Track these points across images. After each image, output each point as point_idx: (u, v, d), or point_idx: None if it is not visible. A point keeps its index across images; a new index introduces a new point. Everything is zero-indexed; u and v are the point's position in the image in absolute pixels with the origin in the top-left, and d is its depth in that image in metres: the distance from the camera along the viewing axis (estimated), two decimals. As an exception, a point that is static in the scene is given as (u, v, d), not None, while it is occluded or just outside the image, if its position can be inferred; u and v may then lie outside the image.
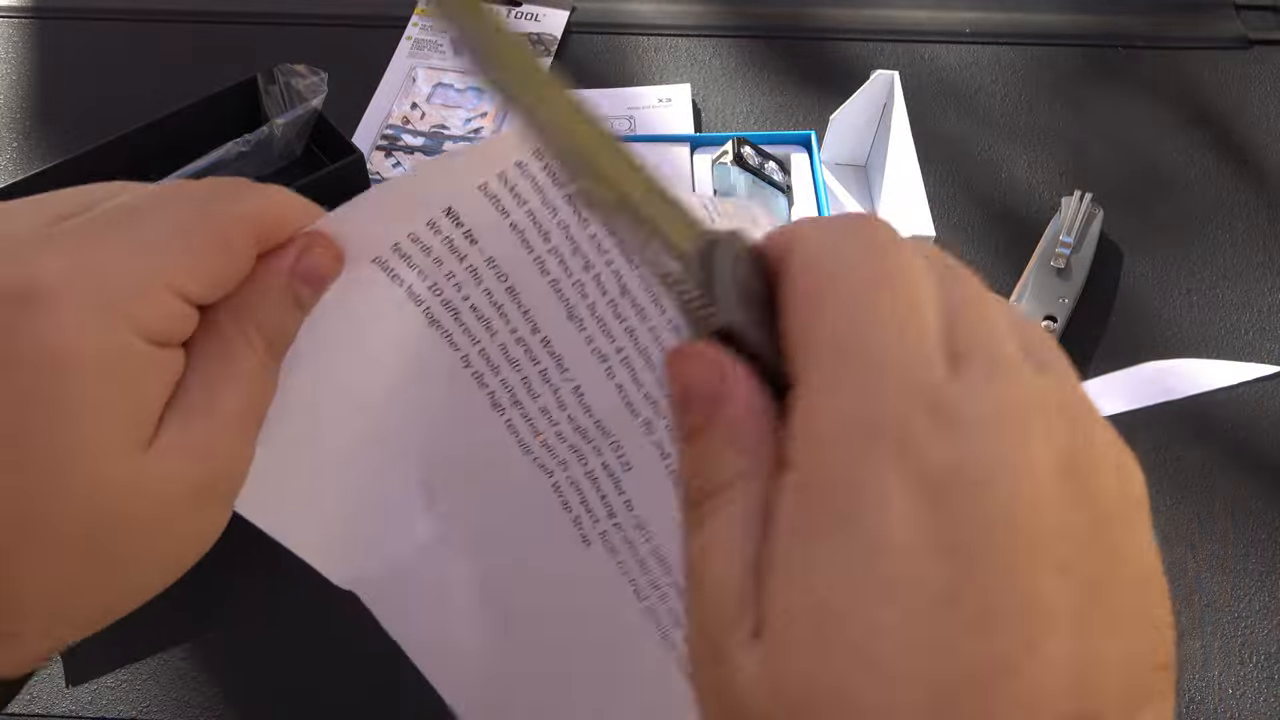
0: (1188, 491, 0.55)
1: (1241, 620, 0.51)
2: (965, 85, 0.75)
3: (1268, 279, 0.64)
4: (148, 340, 0.23)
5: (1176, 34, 0.77)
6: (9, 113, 0.74)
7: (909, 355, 0.19)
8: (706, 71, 0.76)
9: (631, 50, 0.77)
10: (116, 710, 0.48)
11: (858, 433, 0.18)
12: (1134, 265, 0.65)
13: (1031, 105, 0.73)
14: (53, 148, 0.71)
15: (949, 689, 0.17)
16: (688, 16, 0.79)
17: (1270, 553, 0.53)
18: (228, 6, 0.79)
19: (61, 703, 0.49)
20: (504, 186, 0.26)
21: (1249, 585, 0.52)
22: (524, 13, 0.79)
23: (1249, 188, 0.69)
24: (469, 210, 0.26)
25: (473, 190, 0.26)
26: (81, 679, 0.49)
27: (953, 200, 0.68)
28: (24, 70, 0.77)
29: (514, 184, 0.26)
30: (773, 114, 0.73)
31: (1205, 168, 0.70)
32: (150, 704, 0.48)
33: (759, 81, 0.75)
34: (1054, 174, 0.69)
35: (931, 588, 0.18)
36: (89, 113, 0.73)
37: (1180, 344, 0.61)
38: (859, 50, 0.77)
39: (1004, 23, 0.78)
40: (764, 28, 0.79)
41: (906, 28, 0.78)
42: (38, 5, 0.80)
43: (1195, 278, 0.64)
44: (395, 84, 0.75)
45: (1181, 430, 0.57)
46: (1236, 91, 0.74)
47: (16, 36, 0.79)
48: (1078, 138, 0.71)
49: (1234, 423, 0.58)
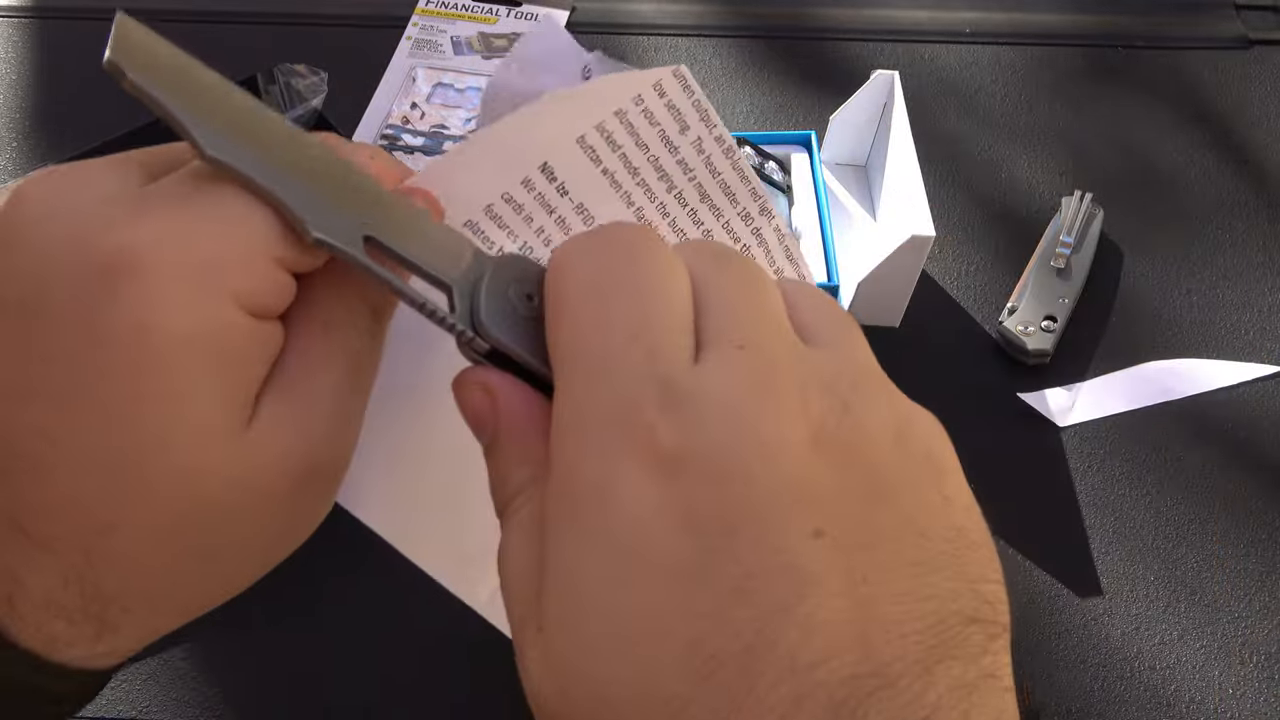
0: (1188, 491, 0.55)
1: (1241, 620, 0.51)
2: (965, 85, 0.75)
3: (1268, 279, 0.64)
4: (247, 314, 0.21)
5: (1176, 34, 0.77)
6: (9, 113, 0.74)
7: (640, 350, 0.19)
8: (706, 71, 0.76)
9: (631, 50, 0.77)
10: (116, 710, 0.48)
11: (591, 426, 0.19)
12: (1134, 265, 0.65)
13: (1031, 105, 0.73)
14: (53, 148, 0.71)
15: (709, 662, 0.17)
16: (688, 16, 0.79)
17: (1270, 553, 0.53)
18: (228, 6, 0.79)
19: (61, 703, 0.49)
20: (601, 138, 0.25)
21: (1249, 585, 0.52)
22: (523, 13, 0.79)
23: (1249, 188, 0.69)
24: (565, 164, 0.25)
25: (571, 145, 0.25)
26: (81, 679, 0.49)
27: (953, 200, 0.68)
28: (24, 70, 0.77)
29: (611, 133, 0.25)
30: (773, 114, 0.73)
31: (1205, 168, 0.70)
32: (150, 704, 0.48)
33: (759, 81, 0.75)
34: (1054, 174, 0.69)
35: (678, 563, 0.18)
36: (89, 113, 0.73)
37: (1180, 344, 0.61)
38: (859, 50, 0.77)
39: (1004, 23, 0.78)
40: (764, 28, 0.79)
41: (906, 28, 0.78)
42: (38, 5, 0.80)
43: (1195, 278, 0.64)
44: (395, 84, 0.75)
45: (1181, 430, 0.57)
46: (1236, 91, 0.74)
47: (16, 36, 0.79)
48: (1078, 138, 0.71)
49: (1234, 423, 0.58)
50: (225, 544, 0.23)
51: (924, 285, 0.62)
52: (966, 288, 0.64)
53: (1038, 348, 0.59)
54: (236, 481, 0.22)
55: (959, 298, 0.63)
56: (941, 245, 0.65)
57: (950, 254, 0.65)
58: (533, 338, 0.21)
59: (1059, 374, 0.60)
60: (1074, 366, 0.60)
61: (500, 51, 0.76)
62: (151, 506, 0.21)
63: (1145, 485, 0.55)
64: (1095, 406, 0.58)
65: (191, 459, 0.21)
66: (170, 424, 0.21)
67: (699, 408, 0.19)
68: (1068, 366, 0.60)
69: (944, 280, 0.64)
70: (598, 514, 0.19)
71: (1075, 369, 0.60)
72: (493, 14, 0.79)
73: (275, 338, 0.22)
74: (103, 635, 0.22)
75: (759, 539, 0.18)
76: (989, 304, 0.63)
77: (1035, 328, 0.60)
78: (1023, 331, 0.60)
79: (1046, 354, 0.59)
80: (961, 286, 0.64)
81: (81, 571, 0.21)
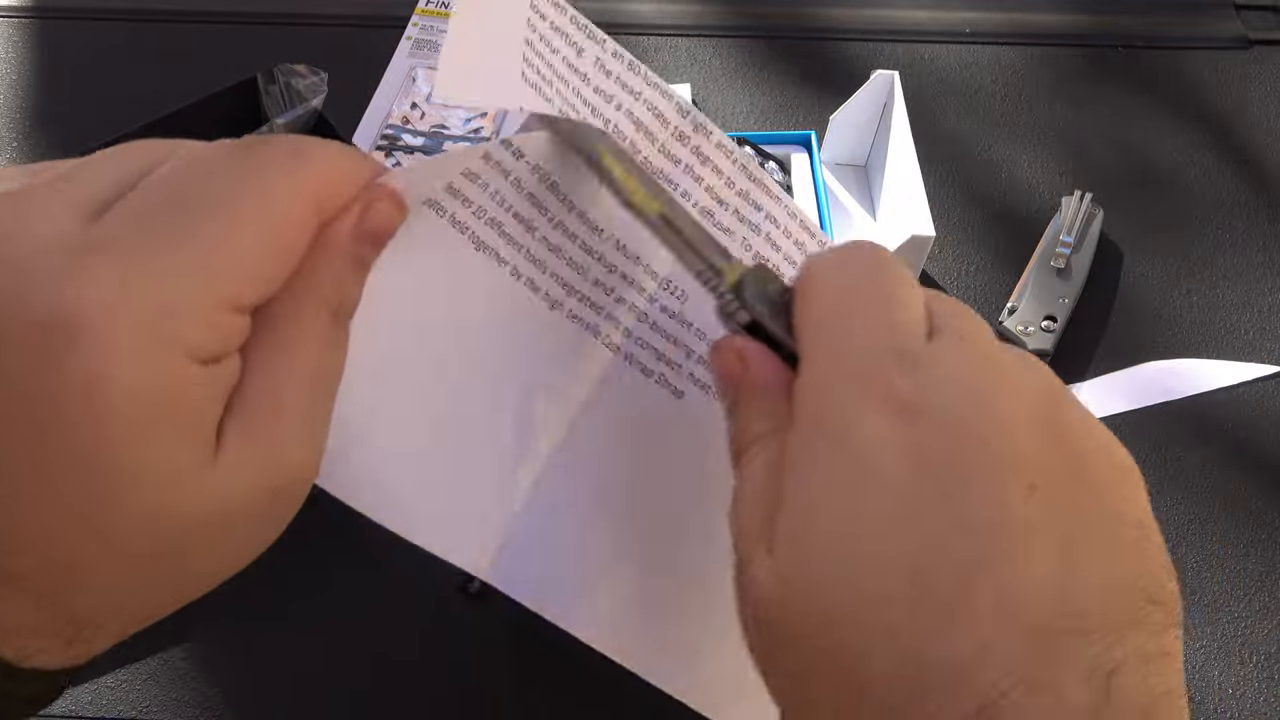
0: (1188, 491, 0.55)
1: (1241, 620, 0.51)
2: (965, 85, 0.75)
3: (1268, 279, 0.64)
4: (201, 362, 0.21)
5: (1176, 34, 0.77)
6: (9, 113, 0.74)
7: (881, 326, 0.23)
8: (706, 71, 0.76)
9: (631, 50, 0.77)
10: (116, 710, 0.48)
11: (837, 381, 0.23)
12: (1134, 265, 0.65)
13: (1031, 105, 0.73)
14: (53, 148, 0.71)
15: (926, 577, 0.20)
16: (688, 16, 0.79)
17: (1270, 553, 0.53)
18: (228, 6, 0.79)
19: (61, 703, 0.48)
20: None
21: (1249, 585, 0.52)
22: (524, 13, 0.79)
23: (1249, 188, 0.69)
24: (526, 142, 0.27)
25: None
26: (81, 679, 0.49)
27: (953, 200, 0.68)
28: (24, 70, 0.77)
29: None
30: (773, 114, 0.73)
31: (1205, 168, 0.70)
32: (150, 704, 0.48)
33: (759, 81, 0.75)
34: (1054, 174, 0.69)
35: (908, 492, 0.21)
36: (89, 113, 0.73)
37: (1180, 344, 0.61)
38: (859, 50, 0.77)
39: (1004, 23, 0.78)
40: (764, 28, 0.79)
41: (906, 28, 0.78)
42: (38, 5, 0.80)
43: (1195, 278, 0.64)
44: (395, 84, 0.75)
45: (1181, 430, 0.57)
46: (1236, 91, 0.74)
47: (16, 36, 0.79)
48: (1078, 138, 0.71)
49: (1234, 423, 0.58)
50: (199, 561, 0.23)
51: (924, 285, 0.62)
52: (966, 288, 0.64)
53: (1038, 348, 0.59)
54: (207, 513, 0.22)
55: (959, 298, 0.63)
56: (941, 245, 0.65)
57: (950, 254, 0.65)
58: (781, 320, 0.25)
59: (1059, 374, 0.59)
60: (1074, 366, 0.60)
61: (500, 51, 0.76)
62: (121, 545, 0.21)
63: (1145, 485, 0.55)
64: (1095, 406, 0.58)
65: (160, 498, 0.21)
66: (134, 471, 0.20)
67: (936, 373, 0.22)
68: (1068, 366, 0.60)
69: (944, 280, 0.64)
70: (839, 446, 0.22)
71: (1075, 369, 0.60)
72: (493, 14, 0.79)
73: (231, 372, 0.22)
74: (75, 645, 0.22)
75: (987, 493, 0.21)
76: (989, 304, 0.63)
77: (1035, 328, 0.60)
78: (1023, 331, 0.60)
79: (1046, 354, 0.59)
80: (961, 286, 0.64)
81: (53, 600, 0.21)
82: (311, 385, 0.23)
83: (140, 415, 0.20)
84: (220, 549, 0.23)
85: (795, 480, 0.22)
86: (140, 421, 0.20)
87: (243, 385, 0.22)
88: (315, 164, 0.23)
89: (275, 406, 0.22)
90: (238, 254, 0.21)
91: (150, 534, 0.21)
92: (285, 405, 0.22)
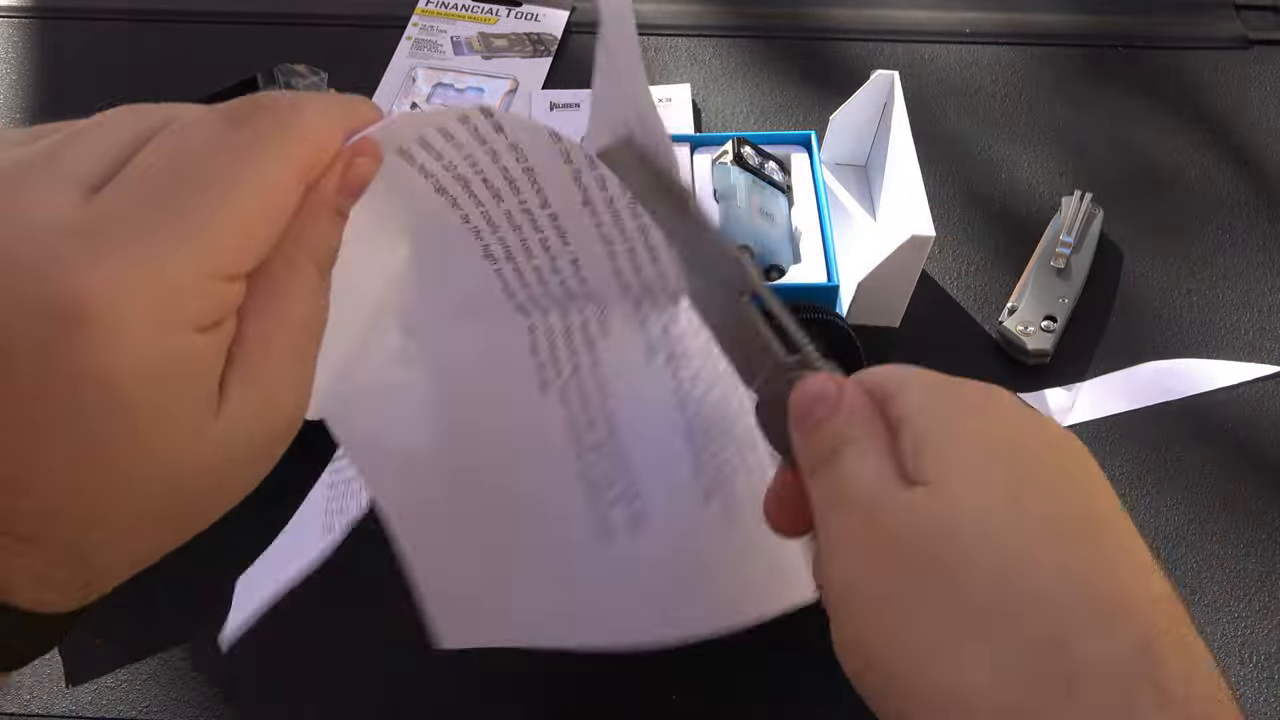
0: (1188, 491, 0.55)
1: (1241, 620, 0.51)
2: (965, 85, 0.75)
3: (1268, 279, 0.64)
4: (204, 330, 0.22)
5: (1176, 34, 0.77)
6: (9, 113, 0.74)
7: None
8: (706, 71, 0.76)
9: (631, 50, 0.77)
10: (116, 710, 0.48)
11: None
12: (1134, 265, 0.65)
13: (1031, 105, 0.73)
14: (53, 148, 0.71)
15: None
16: (687, 16, 0.79)
17: (1270, 553, 0.53)
18: (228, 6, 0.79)
19: (61, 703, 0.49)
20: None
21: (1249, 585, 0.52)
22: (524, 13, 0.79)
23: (1249, 188, 0.69)
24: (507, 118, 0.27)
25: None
26: (81, 679, 0.49)
27: (953, 200, 0.68)
28: (24, 70, 0.77)
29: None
30: (773, 114, 0.73)
31: (1205, 168, 0.70)
32: (150, 704, 0.48)
33: (759, 81, 0.75)
34: (1054, 174, 0.69)
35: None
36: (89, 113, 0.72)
37: (1180, 344, 0.61)
38: (859, 50, 0.77)
39: (1004, 23, 0.78)
40: (764, 28, 0.79)
41: (906, 28, 0.78)
42: (38, 5, 0.80)
43: (1195, 278, 0.64)
44: (395, 84, 0.75)
45: (1181, 430, 0.57)
46: (1236, 91, 0.74)
47: (16, 36, 0.79)
48: (1078, 138, 0.71)
49: (1234, 423, 0.58)
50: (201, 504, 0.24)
51: (924, 285, 0.62)
52: (966, 288, 0.64)
53: (1038, 348, 0.59)
54: (213, 466, 0.23)
55: (959, 298, 0.63)
56: (941, 245, 0.65)
57: (950, 254, 0.65)
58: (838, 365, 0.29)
59: (1059, 374, 0.60)
60: (1074, 366, 0.60)
61: (500, 52, 0.76)
62: (131, 505, 0.22)
63: (1145, 485, 0.55)
64: (1095, 406, 0.58)
65: (168, 458, 0.22)
66: (137, 444, 0.21)
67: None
68: (1068, 366, 0.60)
69: (944, 280, 0.64)
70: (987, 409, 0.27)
71: (1075, 369, 0.60)
72: (493, 14, 0.79)
73: (229, 332, 0.23)
74: (89, 593, 0.24)
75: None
76: (989, 304, 0.63)
77: (1035, 328, 0.60)
78: (1023, 331, 0.60)
79: (1046, 354, 0.59)
80: (961, 286, 0.64)
81: (68, 557, 0.22)
82: (301, 333, 0.25)
83: (151, 393, 0.21)
84: (221, 489, 0.24)
85: (940, 435, 0.26)
86: (151, 398, 0.21)
87: (240, 337, 0.23)
88: (303, 131, 0.24)
89: (271, 358, 0.24)
90: (234, 227, 0.22)
91: (158, 494, 0.22)
92: (282, 349, 0.24)
